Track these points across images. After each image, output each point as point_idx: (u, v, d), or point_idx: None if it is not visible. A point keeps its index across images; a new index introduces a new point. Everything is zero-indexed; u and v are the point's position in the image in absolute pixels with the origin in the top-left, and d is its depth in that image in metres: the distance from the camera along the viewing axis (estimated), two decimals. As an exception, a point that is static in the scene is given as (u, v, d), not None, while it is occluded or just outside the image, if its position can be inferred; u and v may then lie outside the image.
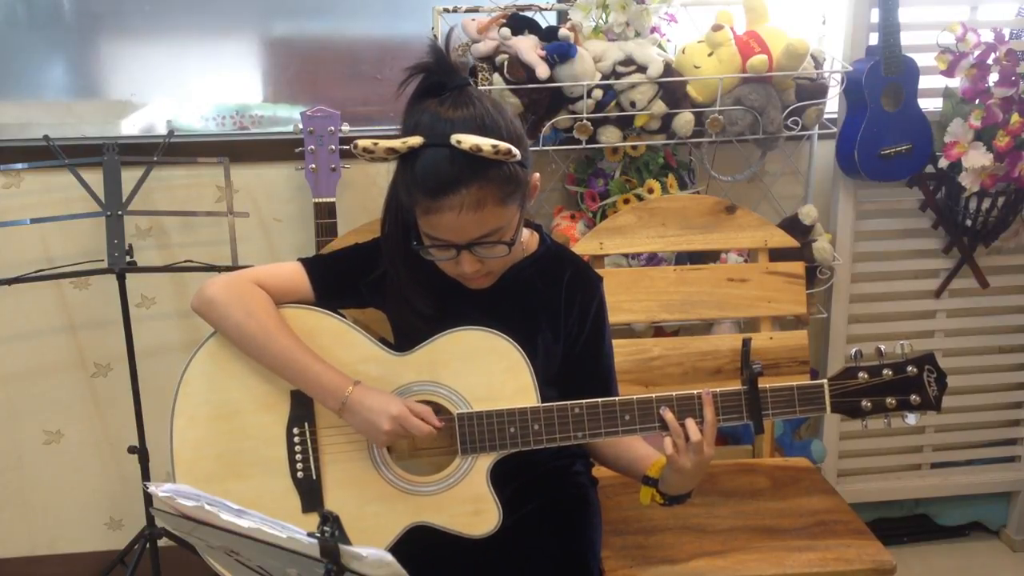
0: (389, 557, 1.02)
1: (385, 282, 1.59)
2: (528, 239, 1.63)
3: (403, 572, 1.03)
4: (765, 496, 1.94)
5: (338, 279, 1.61)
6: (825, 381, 1.53)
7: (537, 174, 1.52)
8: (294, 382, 1.54)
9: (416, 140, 1.39)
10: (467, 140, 1.36)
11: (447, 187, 1.38)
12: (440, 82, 1.43)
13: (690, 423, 1.49)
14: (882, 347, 1.52)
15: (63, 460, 2.52)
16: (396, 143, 1.39)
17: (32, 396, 2.47)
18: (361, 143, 1.41)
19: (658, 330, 2.34)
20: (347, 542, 1.04)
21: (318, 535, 1.04)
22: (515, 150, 1.38)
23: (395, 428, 1.48)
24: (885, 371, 1.51)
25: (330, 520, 1.05)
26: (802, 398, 1.53)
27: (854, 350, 1.52)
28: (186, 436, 1.55)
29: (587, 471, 1.75)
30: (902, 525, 2.79)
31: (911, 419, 1.53)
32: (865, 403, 1.52)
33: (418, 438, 1.61)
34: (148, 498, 2.26)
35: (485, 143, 1.36)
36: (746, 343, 1.54)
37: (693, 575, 1.71)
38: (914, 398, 1.52)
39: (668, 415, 1.50)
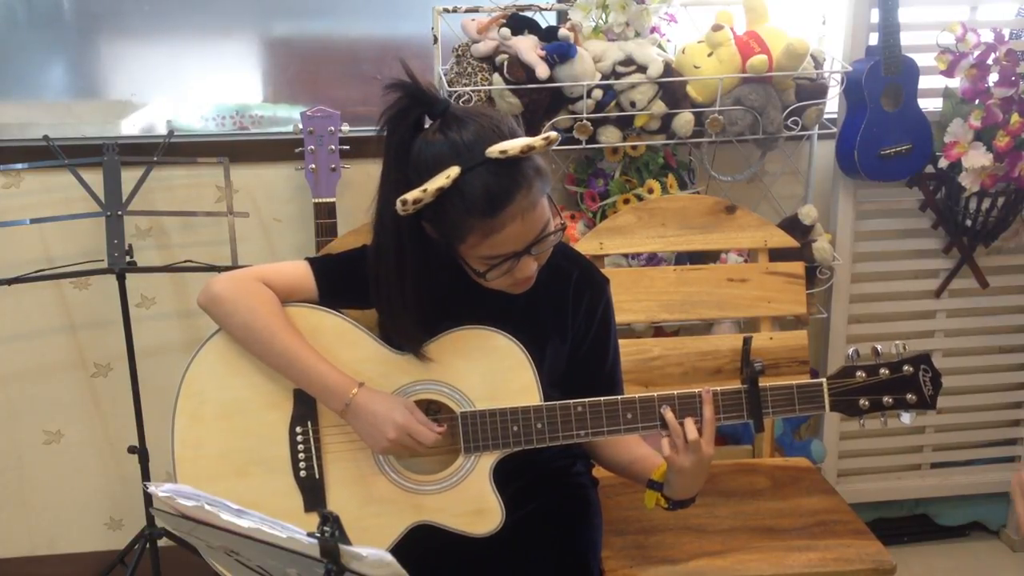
0: (389, 557, 1.02)
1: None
2: None
3: (403, 572, 1.03)
4: (765, 496, 1.95)
5: (343, 280, 1.60)
6: (824, 380, 1.53)
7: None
8: (297, 382, 1.54)
9: (454, 170, 1.37)
10: (512, 146, 1.36)
11: (503, 199, 1.37)
12: (424, 114, 1.43)
13: (688, 423, 1.49)
14: (879, 347, 1.53)
15: (63, 460, 2.52)
16: (441, 181, 1.36)
17: (32, 396, 2.47)
18: (410, 196, 1.37)
19: (658, 330, 2.34)
20: (347, 542, 1.04)
21: (318, 535, 1.04)
22: (559, 136, 1.40)
23: (400, 436, 1.48)
24: (882, 370, 1.52)
25: (330, 520, 1.05)
26: (801, 397, 1.53)
27: (851, 350, 1.53)
28: (188, 435, 1.55)
29: (588, 471, 1.75)
30: (902, 525, 2.79)
31: (905, 418, 1.54)
32: (863, 402, 1.53)
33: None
34: (148, 498, 2.26)
35: (535, 140, 1.37)
36: (747, 342, 1.54)
37: (693, 575, 1.71)
38: (910, 397, 1.53)
39: (668, 415, 1.50)
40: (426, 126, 1.44)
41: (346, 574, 1.04)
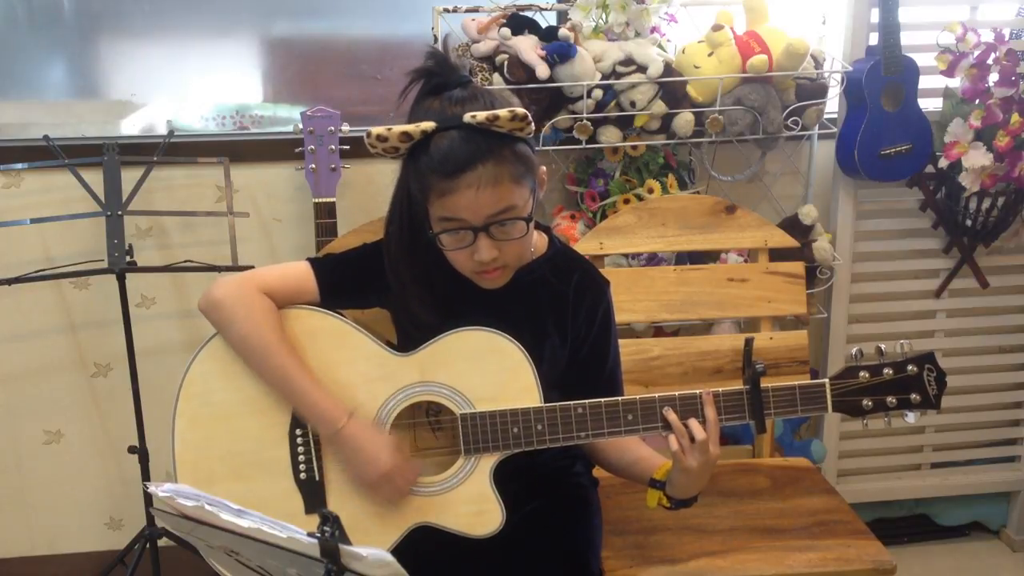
0: (389, 557, 1.02)
1: (391, 290, 1.59)
2: (536, 240, 1.63)
3: (403, 572, 1.03)
4: (765, 496, 1.94)
5: (345, 280, 1.60)
6: (827, 380, 1.53)
7: (544, 167, 1.53)
8: (289, 401, 1.53)
9: (428, 124, 1.41)
10: (481, 113, 1.39)
11: (464, 165, 1.40)
12: (443, 82, 1.46)
13: (694, 423, 1.49)
14: (883, 346, 1.52)
15: (63, 460, 2.52)
16: (409, 127, 1.41)
17: (32, 396, 2.47)
18: (375, 131, 1.42)
19: (658, 330, 2.34)
20: (347, 542, 1.04)
21: (318, 535, 1.04)
22: (530, 117, 1.41)
23: (380, 483, 1.49)
24: (886, 370, 1.52)
25: (330, 520, 1.05)
26: (804, 397, 1.53)
27: (855, 349, 1.52)
28: (188, 437, 1.55)
29: (588, 472, 1.75)
30: (902, 525, 2.79)
31: (910, 418, 1.53)
32: (866, 402, 1.52)
33: (420, 438, 1.61)
34: (148, 498, 2.26)
35: (502, 111, 1.39)
36: (748, 342, 1.53)
37: (693, 575, 1.71)
38: (914, 397, 1.52)
39: (671, 415, 1.50)
40: None
41: (346, 574, 1.04)
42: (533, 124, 1.43)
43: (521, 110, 1.40)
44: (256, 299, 1.54)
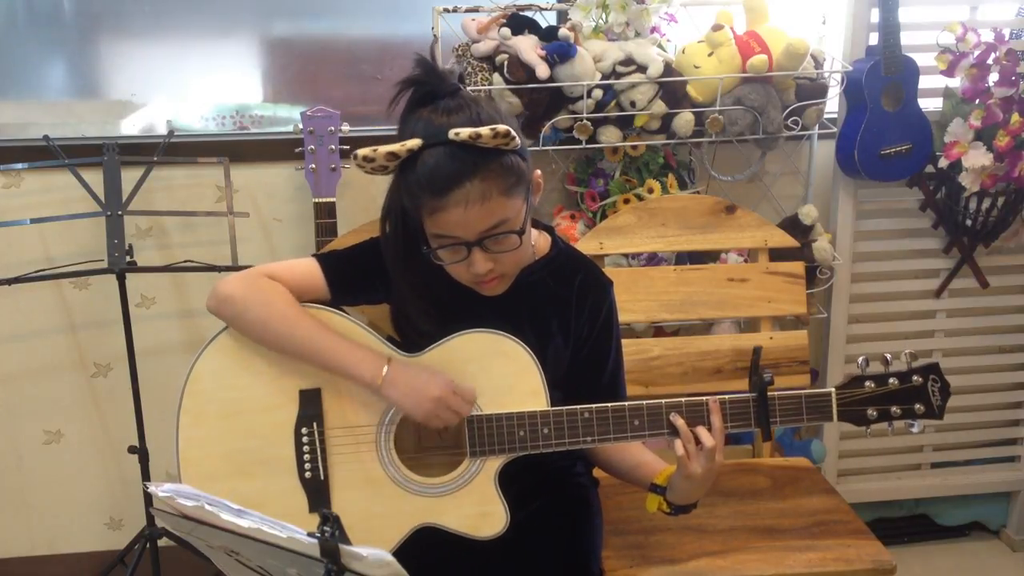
0: (389, 557, 1.02)
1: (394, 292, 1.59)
2: (539, 240, 1.63)
3: (403, 572, 1.03)
4: (765, 496, 1.94)
5: (354, 276, 1.60)
6: (833, 390, 1.53)
7: (539, 171, 1.53)
8: (325, 365, 1.51)
9: (415, 142, 1.40)
10: (464, 131, 1.38)
11: (451, 183, 1.39)
12: (431, 91, 1.44)
13: (702, 429, 1.49)
14: (888, 356, 1.52)
15: (63, 460, 2.52)
16: (395, 147, 1.40)
17: (32, 396, 2.47)
18: (361, 152, 1.41)
19: (658, 330, 2.34)
20: (347, 542, 1.04)
21: (318, 535, 1.04)
22: (513, 132, 1.39)
23: (436, 410, 1.47)
24: (891, 380, 1.52)
25: (330, 520, 1.05)
26: (810, 406, 1.54)
27: (861, 359, 1.53)
28: (192, 434, 1.54)
29: (588, 472, 1.75)
30: (902, 525, 2.79)
31: (915, 428, 1.54)
32: (871, 412, 1.53)
33: (425, 438, 1.61)
34: (148, 498, 2.26)
35: (483, 129, 1.37)
36: (756, 351, 1.54)
37: (693, 575, 1.71)
38: (918, 407, 1.52)
39: (679, 421, 1.50)
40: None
41: (346, 574, 1.04)
42: (518, 139, 1.41)
43: (503, 127, 1.37)
44: (266, 283, 1.53)
